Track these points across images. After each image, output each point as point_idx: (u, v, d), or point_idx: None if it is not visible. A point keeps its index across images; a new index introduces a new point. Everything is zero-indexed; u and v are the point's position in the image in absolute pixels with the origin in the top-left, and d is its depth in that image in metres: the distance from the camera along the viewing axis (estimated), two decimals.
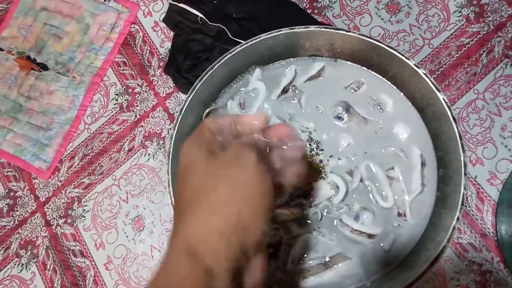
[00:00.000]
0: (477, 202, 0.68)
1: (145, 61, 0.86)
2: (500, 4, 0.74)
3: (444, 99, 0.45)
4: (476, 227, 0.67)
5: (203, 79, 0.49)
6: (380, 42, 0.47)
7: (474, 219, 0.67)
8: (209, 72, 0.49)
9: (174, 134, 0.48)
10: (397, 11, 0.79)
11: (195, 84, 0.48)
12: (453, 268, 0.65)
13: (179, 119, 0.48)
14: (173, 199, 0.47)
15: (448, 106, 0.44)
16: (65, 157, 0.83)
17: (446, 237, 0.42)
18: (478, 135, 0.70)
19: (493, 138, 0.70)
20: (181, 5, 0.82)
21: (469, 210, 0.67)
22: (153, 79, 0.84)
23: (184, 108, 0.48)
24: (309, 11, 0.82)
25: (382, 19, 0.79)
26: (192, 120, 0.53)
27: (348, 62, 0.54)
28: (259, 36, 0.49)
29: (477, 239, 0.66)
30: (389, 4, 0.79)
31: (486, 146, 0.70)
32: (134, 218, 0.77)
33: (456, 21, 0.76)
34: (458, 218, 0.42)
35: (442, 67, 0.74)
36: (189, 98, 0.48)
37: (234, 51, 0.49)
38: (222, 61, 0.49)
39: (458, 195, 0.43)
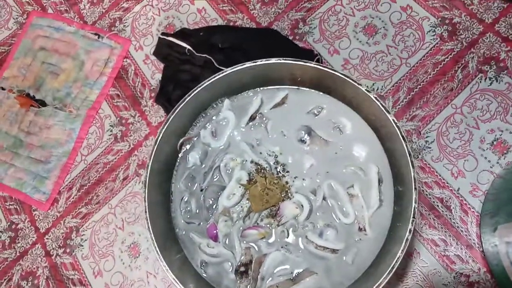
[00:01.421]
0: (461, 214, 0.71)
1: (137, 92, 0.93)
2: (471, 22, 0.80)
3: (393, 120, 0.50)
4: (461, 238, 0.70)
5: (175, 112, 0.55)
6: (333, 70, 0.53)
7: (459, 231, 0.70)
8: (181, 105, 0.55)
9: (150, 164, 0.54)
10: (374, 33, 0.85)
11: (168, 117, 0.55)
12: (441, 281, 0.68)
13: (154, 150, 0.54)
14: (150, 225, 0.53)
15: (397, 126, 0.50)
16: (63, 188, 0.89)
17: (401, 248, 0.46)
18: (459, 148, 0.74)
19: (473, 151, 0.74)
20: (170, 38, 0.89)
21: (454, 222, 0.71)
22: (145, 110, 0.91)
23: (159, 140, 0.55)
24: (290, 38, 0.88)
25: (360, 41, 0.85)
26: (168, 150, 0.59)
27: (309, 89, 0.60)
28: (225, 70, 0.55)
29: (463, 251, 0.69)
30: (366, 27, 0.85)
31: (467, 159, 0.73)
32: (130, 245, 0.82)
33: (431, 40, 0.81)
34: (410, 230, 0.47)
35: (420, 84, 0.79)
36: (163, 130, 0.55)
37: (203, 84, 0.56)
38: (193, 94, 0.56)
39: (410, 209, 0.48)
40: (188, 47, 0.88)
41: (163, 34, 0.91)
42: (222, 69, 0.84)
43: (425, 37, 0.82)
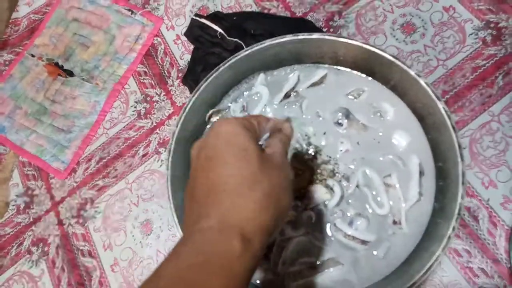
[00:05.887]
0: (489, 226, 0.65)
1: (165, 71, 0.89)
2: None
3: (444, 108, 0.44)
4: (487, 252, 0.63)
5: (208, 81, 0.50)
6: (383, 51, 0.47)
7: (486, 243, 0.64)
8: (214, 75, 0.51)
9: (177, 132, 0.50)
10: (412, 32, 0.79)
11: (199, 85, 0.50)
12: None
13: (183, 117, 0.49)
14: (170, 191, 0.48)
15: (448, 115, 0.44)
16: (82, 159, 0.86)
17: (441, 247, 0.41)
18: (492, 157, 0.68)
19: (507, 161, 0.67)
20: (202, 20, 0.85)
21: (480, 234, 0.65)
22: (171, 89, 0.87)
23: (189, 107, 0.50)
24: (324, 30, 0.83)
25: (396, 39, 0.79)
26: (195, 120, 0.54)
27: (350, 70, 0.55)
28: (263, 41, 0.50)
29: (488, 265, 0.63)
30: (405, 25, 0.80)
31: (500, 169, 0.67)
32: (143, 222, 0.78)
33: (472, 43, 0.75)
34: (454, 228, 0.41)
35: (456, 88, 0.73)
36: (193, 98, 0.50)
37: (239, 55, 0.51)
38: (227, 64, 0.51)
39: (455, 205, 0.42)
40: (220, 30, 0.84)
41: (196, 15, 0.87)
42: None
43: (466, 39, 0.76)
